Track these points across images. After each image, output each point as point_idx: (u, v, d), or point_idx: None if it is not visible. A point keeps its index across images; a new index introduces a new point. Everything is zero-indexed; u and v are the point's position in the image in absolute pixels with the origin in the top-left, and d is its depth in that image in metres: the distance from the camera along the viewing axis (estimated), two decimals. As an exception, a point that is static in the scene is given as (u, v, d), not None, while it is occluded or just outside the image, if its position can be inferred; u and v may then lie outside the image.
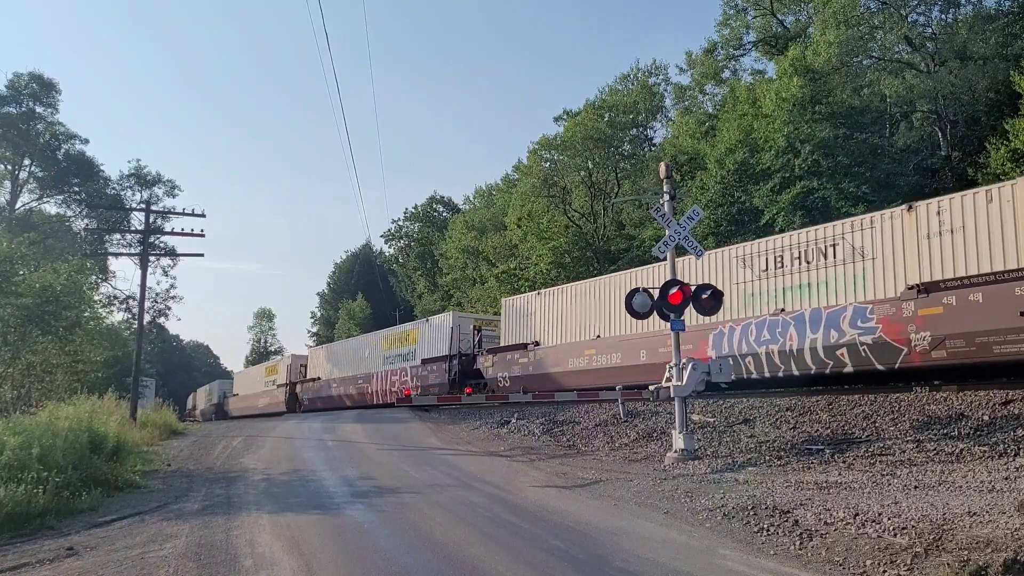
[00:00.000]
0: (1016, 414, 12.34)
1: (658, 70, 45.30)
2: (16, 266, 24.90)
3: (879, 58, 33.09)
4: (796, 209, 26.12)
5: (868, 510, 8.04)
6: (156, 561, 7.77)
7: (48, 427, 13.23)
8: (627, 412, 18.30)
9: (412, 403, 25.60)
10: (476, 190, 64.74)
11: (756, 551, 7.43)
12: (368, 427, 23.56)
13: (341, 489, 12.30)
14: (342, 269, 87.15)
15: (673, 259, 14.79)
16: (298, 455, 17.74)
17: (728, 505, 9.11)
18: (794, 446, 13.31)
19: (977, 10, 31.74)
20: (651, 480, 11.70)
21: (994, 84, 28.04)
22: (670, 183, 14.93)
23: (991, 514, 7.40)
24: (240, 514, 10.21)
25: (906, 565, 6.47)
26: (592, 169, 40.85)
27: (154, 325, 54.23)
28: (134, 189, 48.69)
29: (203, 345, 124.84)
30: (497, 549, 7.75)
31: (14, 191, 44.91)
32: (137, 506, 11.34)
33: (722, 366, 14.08)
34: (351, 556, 7.66)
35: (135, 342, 28.90)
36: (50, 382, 24.74)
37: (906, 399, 14.40)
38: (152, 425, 24.16)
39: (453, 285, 54.62)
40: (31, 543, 9.04)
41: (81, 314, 26.74)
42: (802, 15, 37.45)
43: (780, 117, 27.66)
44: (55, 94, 45.12)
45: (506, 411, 22.63)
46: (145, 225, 28.06)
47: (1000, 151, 23.74)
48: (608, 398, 18.96)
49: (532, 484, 12.08)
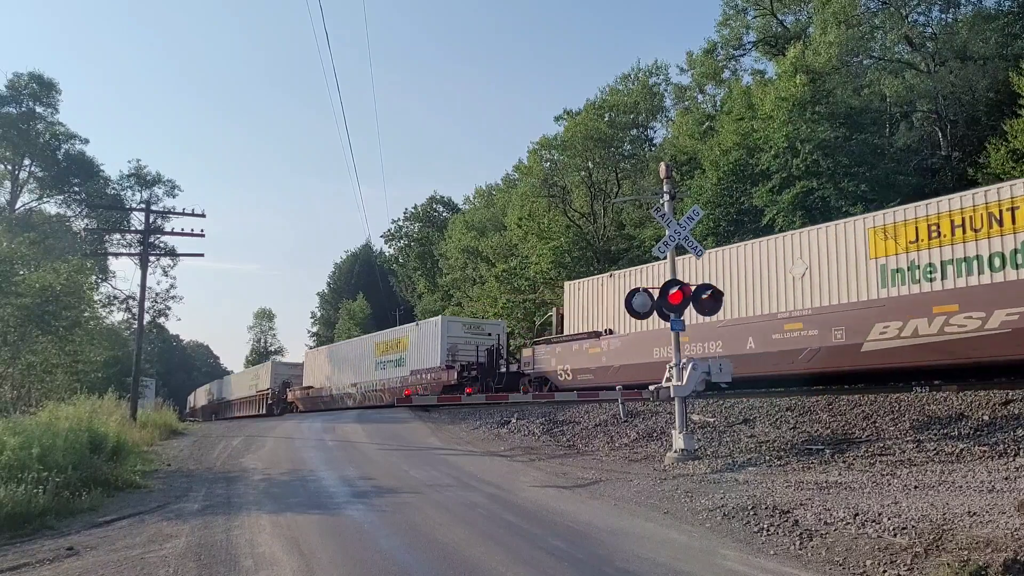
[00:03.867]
0: (1016, 414, 12.34)
1: (659, 70, 45.37)
2: (16, 266, 24.95)
3: (879, 58, 33.09)
4: (796, 209, 26.12)
5: (868, 510, 8.04)
6: (156, 561, 7.77)
7: (48, 427, 13.23)
8: (627, 412, 18.30)
9: (412, 403, 25.58)
10: (476, 190, 64.81)
11: (756, 551, 7.43)
12: (368, 427, 23.56)
13: (341, 489, 12.30)
14: (342, 269, 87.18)
15: (673, 259, 14.80)
16: (298, 455, 17.74)
17: (728, 505, 9.11)
18: (794, 446, 13.31)
19: (977, 10, 31.78)
20: (651, 480, 11.70)
21: (994, 84, 28.05)
22: (670, 183, 14.94)
23: (991, 514, 7.40)
24: (240, 514, 10.21)
25: (906, 565, 6.47)
26: (592, 169, 40.84)
27: (154, 325, 54.26)
28: (134, 189, 48.85)
29: (203, 345, 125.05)
30: (497, 549, 7.75)
31: (14, 191, 44.97)
32: (137, 506, 11.33)
33: (722, 366, 14.08)
34: (351, 556, 7.66)
35: (135, 342, 28.88)
36: (50, 382, 24.78)
37: (906, 399, 14.40)
38: (152, 425, 24.14)
39: (453, 285, 54.64)
40: (31, 543, 9.03)
41: (81, 314, 26.79)
42: (802, 15, 37.46)
43: (780, 117, 27.66)
44: (55, 94, 45.26)
45: (506, 411, 22.63)
46: (145, 225, 28.06)
47: (1000, 151, 23.75)
48: (608, 398, 18.96)
49: (532, 484, 12.09)
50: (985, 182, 24.01)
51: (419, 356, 31.94)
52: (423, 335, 32.05)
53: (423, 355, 31.58)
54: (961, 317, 14.40)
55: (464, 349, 29.92)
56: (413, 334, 33.09)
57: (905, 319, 15.24)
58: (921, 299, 15.21)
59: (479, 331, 31.42)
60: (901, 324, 15.28)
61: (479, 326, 32.42)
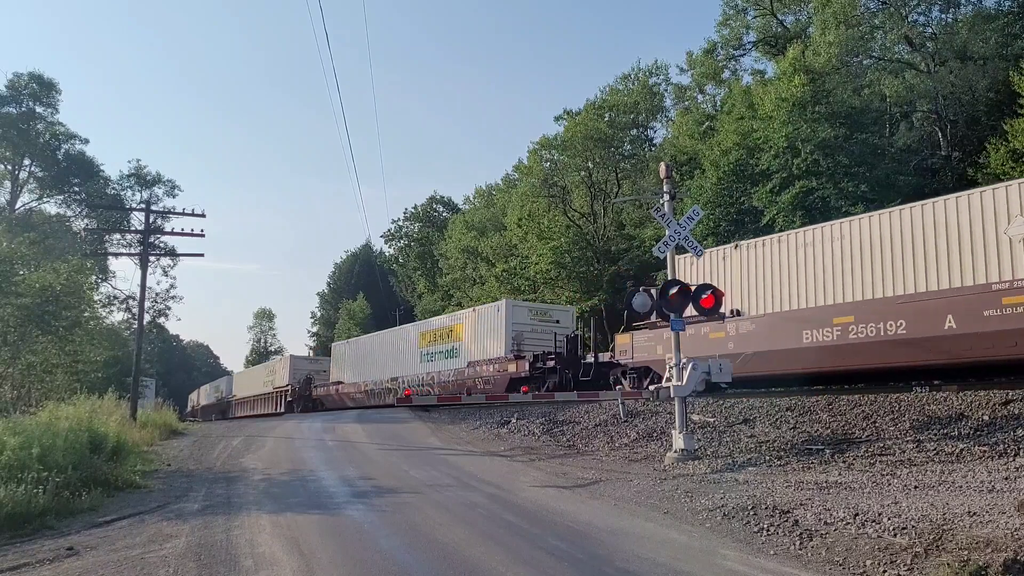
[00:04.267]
0: (1016, 414, 12.33)
1: (659, 70, 45.42)
2: (16, 266, 24.94)
3: (879, 58, 33.10)
4: (796, 209, 26.13)
5: (868, 510, 8.04)
6: (156, 561, 7.77)
7: (48, 427, 13.23)
8: (627, 412, 18.30)
9: (412, 403, 25.56)
10: (476, 190, 64.79)
11: (756, 551, 7.43)
12: (368, 427, 23.56)
13: (341, 489, 12.30)
14: (342, 269, 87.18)
15: (673, 259, 14.80)
16: (298, 455, 17.74)
17: (728, 505, 9.11)
18: (794, 446, 13.31)
19: (977, 10, 31.79)
20: (651, 480, 11.70)
21: (994, 84, 28.05)
22: (670, 183, 14.94)
23: (991, 514, 7.39)
24: (240, 514, 10.21)
25: (906, 565, 6.47)
26: (592, 169, 40.85)
27: (154, 325, 54.30)
28: (134, 189, 48.87)
29: (203, 345, 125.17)
30: (497, 549, 7.75)
31: (14, 191, 44.98)
32: (137, 506, 11.33)
33: (722, 366, 14.08)
34: (351, 556, 7.66)
35: (135, 342, 28.88)
36: (50, 382, 24.77)
37: (906, 399, 14.40)
38: (152, 425, 24.12)
39: (453, 285, 54.64)
40: (31, 543, 9.03)
41: (81, 314, 26.78)
42: (802, 15, 37.48)
43: (780, 117, 27.67)
44: (55, 94, 45.27)
45: (506, 411, 22.62)
46: (145, 225, 28.06)
47: (1000, 151, 23.75)
48: (608, 398, 18.95)
49: (532, 484, 12.09)
50: (985, 182, 24.04)
51: (479, 346, 28.48)
52: (482, 322, 28.61)
53: (483, 344, 28.23)
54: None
55: (530, 338, 26.89)
56: (469, 321, 29.69)
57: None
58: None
59: (547, 318, 28.16)
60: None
61: (547, 312, 28.98)
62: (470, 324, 29.69)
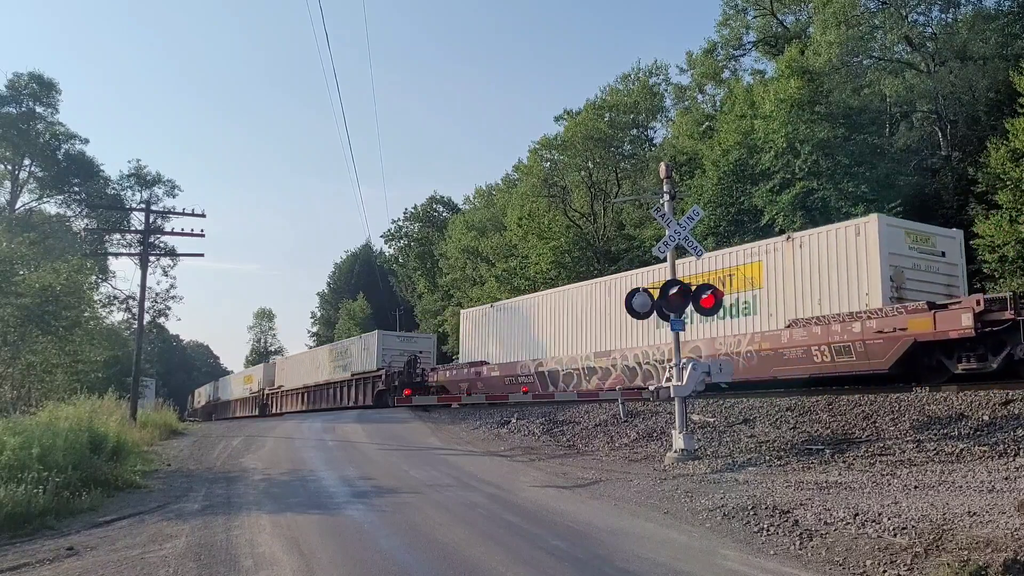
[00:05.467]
0: (1016, 414, 12.33)
1: (659, 70, 45.32)
2: (16, 266, 24.93)
3: (879, 58, 33.05)
4: (796, 209, 26.12)
5: (868, 510, 8.04)
6: (156, 561, 7.77)
7: (48, 427, 13.24)
8: (627, 412, 18.30)
9: (412, 403, 25.58)
10: (476, 190, 64.62)
11: (756, 551, 7.43)
12: (368, 427, 23.57)
13: (341, 489, 12.31)
14: (342, 269, 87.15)
15: (673, 259, 14.79)
16: (298, 455, 17.74)
17: (728, 505, 9.11)
18: (794, 446, 13.31)
19: (977, 10, 31.72)
20: (651, 480, 11.70)
21: (994, 84, 28.01)
22: (670, 183, 14.94)
23: (991, 514, 7.39)
24: (240, 514, 10.21)
25: (906, 565, 6.47)
26: (592, 169, 40.83)
27: (154, 325, 54.21)
28: (134, 189, 48.80)
29: (203, 345, 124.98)
30: (497, 549, 7.75)
31: (14, 191, 44.95)
32: (137, 506, 11.34)
33: (722, 366, 14.08)
34: (351, 556, 7.66)
35: (135, 342, 28.90)
36: (50, 382, 24.77)
37: (906, 399, 14.39)
38: (152, 425, 24.15)
39: (453, 285, 54.59)
40: (31, 543, 9.04)
41: (81, 314, 26.77)
42: (802, 15, 37.44)
43: (779, 118, 27.66)
44: (55, 94, 45.20)
45: (506, 411, 22.63)
46: (145, 225, 28.07)
47: (1000, 151, 23.69)
48: (608, 398, 18.96)
49: (532, 484, 12.09)
50: (985, 182, 24.03)
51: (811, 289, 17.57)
52: (811, 253, 17.83)
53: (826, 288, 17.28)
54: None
55: (913, 278, 17.01)
56: (776, 256, 18.54)
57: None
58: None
59: (929, 246, 17.64)
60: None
61: (928, 237, 17.80)
62: (776, 260, 18.50)
